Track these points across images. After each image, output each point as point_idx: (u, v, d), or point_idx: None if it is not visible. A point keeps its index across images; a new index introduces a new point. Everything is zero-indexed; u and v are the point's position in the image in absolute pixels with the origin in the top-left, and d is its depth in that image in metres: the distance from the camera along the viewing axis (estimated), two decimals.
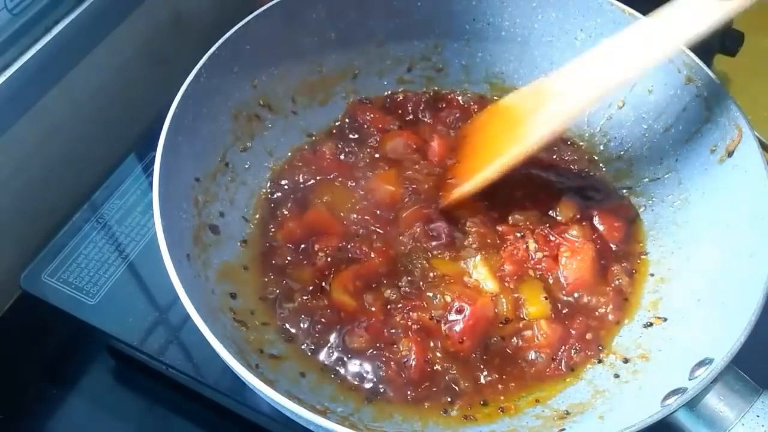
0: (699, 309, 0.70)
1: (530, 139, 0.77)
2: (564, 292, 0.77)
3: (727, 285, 0.68)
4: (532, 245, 0.79)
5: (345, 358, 0.72)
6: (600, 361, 0.73)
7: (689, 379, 0.60)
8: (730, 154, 0.74)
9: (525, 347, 0.74)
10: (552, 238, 0.79)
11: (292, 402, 0.56)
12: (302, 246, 0.80)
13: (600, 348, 0.74)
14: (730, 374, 0.60)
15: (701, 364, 0.61)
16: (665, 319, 0.73)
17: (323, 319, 0.74)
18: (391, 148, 0.89)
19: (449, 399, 0.70)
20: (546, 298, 0.76)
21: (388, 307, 0.75)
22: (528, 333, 0.74)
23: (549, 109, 0.77)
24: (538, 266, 0.78)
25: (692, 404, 0.59)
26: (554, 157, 0.89)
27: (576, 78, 0.78)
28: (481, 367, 0.72)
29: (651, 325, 0.73)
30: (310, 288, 0.76)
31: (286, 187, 0.85)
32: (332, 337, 0.73)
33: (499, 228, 0.81)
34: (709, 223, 0.75)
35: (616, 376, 0.70)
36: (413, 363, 0.71)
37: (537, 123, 0.78)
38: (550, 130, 0.76)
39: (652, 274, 0.79)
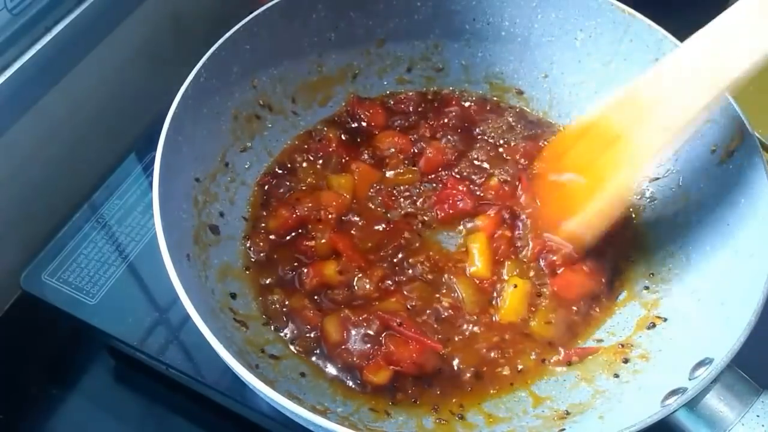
0: (699, 309, 0.70)
1: (641, 156, 0.68)
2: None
3: (727, 285, 0.68)
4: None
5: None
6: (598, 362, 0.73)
7: (689, 379, 0.60)
8: (730, 154, 0.74)
9: None
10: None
11: (292, 402, 0.56)
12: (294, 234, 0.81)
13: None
14: (730, 374, 0.60)
15: (701, 364, 0.61)
16: (665, 319, 0.73)
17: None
18: (380, 146, 0.89)
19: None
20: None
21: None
22: None
23: (655, 120, 0.68)
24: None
25: (692, 404, 0.59)
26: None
27: (679, 77, 0.67)
28: None
29: (651, 325, 0.73)
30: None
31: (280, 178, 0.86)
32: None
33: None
34: (709, 223, 0.75)
35: (616, 376, 0.70)
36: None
37: (644, 137, 0.68)
38: (664, 142, 0.67)
39: (652, 274, 0.79)
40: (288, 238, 0.81)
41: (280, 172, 0.86)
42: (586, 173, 0.74)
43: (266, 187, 0.85)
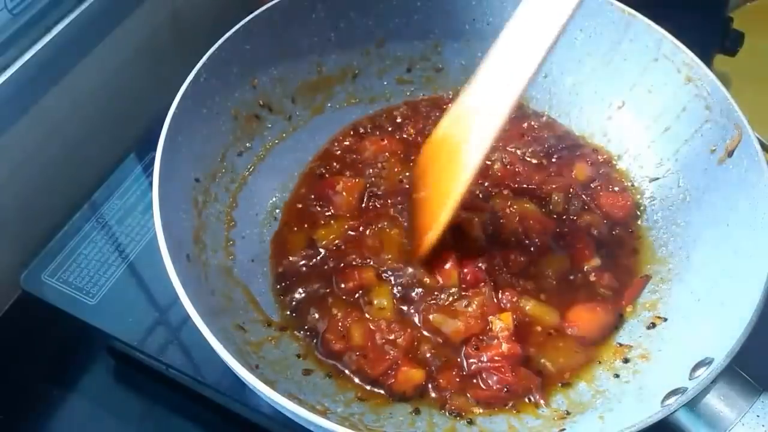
0: (699, 309, 0.70)
1: (466, 171, 0.70)
2: None
3: (727, 285, 0.68)
4: None
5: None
6: (600, 362, 0.73)
7: (689, 379, 0.60)
8: (730, 154, 0.74)
9: None
10: None
11: (292, 402, 0.56)
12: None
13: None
14: (730, 374, 0.60)
15: (701, 364, 0.61)
16: (665, 319, 0.73)
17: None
18: (368, 158, 0.88)
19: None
20: None
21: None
22: None
23: (474, 132, 0.70)
24: None
25: (692, 404, 0.59)
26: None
27: (487, 85, 0.70)
28: None
29: (651, 325, 0.73)
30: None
31: None
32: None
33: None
34: (709, 223, 0.75)
35: (616, 376, 0.70)
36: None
37: (468, 151, 0.70)
38: (480, 156, 0.69)
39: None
40: None
41: None
42: (435, 187, 0.75)
43: None
